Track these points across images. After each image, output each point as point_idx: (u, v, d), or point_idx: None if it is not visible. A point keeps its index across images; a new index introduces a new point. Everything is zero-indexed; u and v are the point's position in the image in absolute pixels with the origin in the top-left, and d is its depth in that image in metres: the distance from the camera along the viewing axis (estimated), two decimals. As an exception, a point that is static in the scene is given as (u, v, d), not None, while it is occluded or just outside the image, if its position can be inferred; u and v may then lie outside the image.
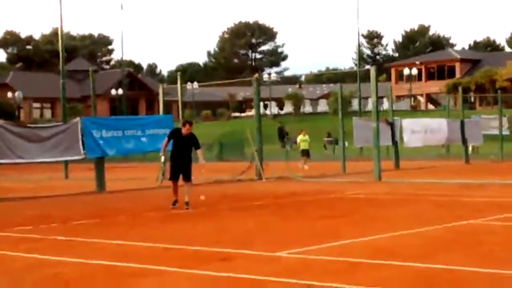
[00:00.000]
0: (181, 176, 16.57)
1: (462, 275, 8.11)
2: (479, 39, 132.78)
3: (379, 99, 27.89)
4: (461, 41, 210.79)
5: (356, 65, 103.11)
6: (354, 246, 10.40)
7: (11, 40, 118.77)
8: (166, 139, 17.09)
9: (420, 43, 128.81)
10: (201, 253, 10.16)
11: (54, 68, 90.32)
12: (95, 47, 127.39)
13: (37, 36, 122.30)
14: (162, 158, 18.50)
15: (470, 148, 39.96)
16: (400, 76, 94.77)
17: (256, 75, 30.39)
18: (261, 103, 44.49)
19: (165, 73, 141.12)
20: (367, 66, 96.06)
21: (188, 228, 13.23)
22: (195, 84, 76.57)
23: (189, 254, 10.06)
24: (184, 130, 16.50)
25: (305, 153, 35.33)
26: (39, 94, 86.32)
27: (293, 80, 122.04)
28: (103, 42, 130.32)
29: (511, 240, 10.81)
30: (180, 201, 16.43)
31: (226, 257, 9.61)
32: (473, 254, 9.51)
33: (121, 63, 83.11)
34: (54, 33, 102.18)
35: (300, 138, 36.19)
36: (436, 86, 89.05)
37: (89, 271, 8.94)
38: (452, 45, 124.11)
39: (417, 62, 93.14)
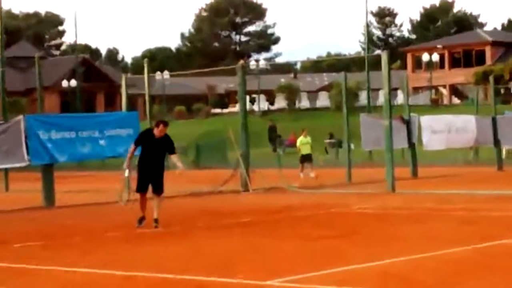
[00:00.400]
0: (150, 188, 16.55)
1: (493, 307, 8.16)
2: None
3: (392, 91, 27.99)
4: (493, 20, 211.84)
5: (364, 49, 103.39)
6: (361, 273, 10.45)
7: None
8: (133, 145, 16.98)
9: (442, 22, 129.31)
10: (171, 281, 10.20)
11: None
12: (42, 28, 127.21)
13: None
14: (126, 172, 17.67)
15: (504, 152, 40.19)
16: (418, 63, 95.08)
17: (241, 62, 30.41)
18: (248, 97, 44.58)
19: (128, 60, 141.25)
20: (378, 51, 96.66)
21: (156, 251, 13.24)
22: (166, 74, 76.51)
23: (156, 283, 10.10)
24: (157, 132, 16.51)
25: (307, 159, 34.24)
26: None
27: (287, 68, 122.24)
28: (52, 22, 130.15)
29: (553, 264, 10.89)
30: (148, 218, 16.42)
31: (201, 286, 9.62)
32: (507, 281, 9.58)
33: (74, 48, 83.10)
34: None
35: (300, 140, 35.04)
36: (462, 75, 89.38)
37: (34, 306, 8.94)
38: (482, 25, 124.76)
39: (439, 46, 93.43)
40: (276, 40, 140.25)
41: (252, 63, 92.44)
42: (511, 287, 9.15)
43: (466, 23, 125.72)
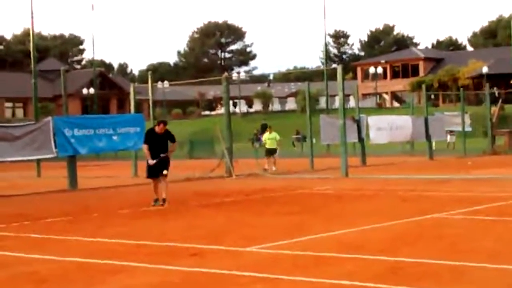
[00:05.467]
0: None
1: (427, 267, 8.20)
2: (441, 38, 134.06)
3: (345, 97, 28.04)
4: (425, 40, 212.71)
5: (323, 64, 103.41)
6: (322, 241, 10.47)
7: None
8: (145, 144, 16.53)
9: (385, 42, 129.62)
10: (172, 249, 10.17)
11: (26, 68, 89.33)
12: (66, 47, 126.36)
13: (8, 36, 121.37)
14: (151, 161, 17.02)
15: (448, 141, 41.62)
16: (366, 75, 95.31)
17: (226, 74, 30.36)
18: (231, 102, 44.49)
19: (136, 72, 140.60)
20: (334, 65, 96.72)
21: (159, 224, 13.21)
22: (166, 83, 76.32)
23: (160, 250, 10.07)
24: (158, 129, 16.53)
25: (271, 152, 30.51)
26: (11, 93, 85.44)
27: (262, 79, 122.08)
28: (74, 42, 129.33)
29: (472, 233, 10.95)
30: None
31: (197, 252, 9.62)
32: (437, 247, 9.62)
33: (92, 63, 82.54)
34: (26, 33, 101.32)
35: (266, 136, 31.53)
36: (400, 84, 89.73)
37: (63, 269, 8.91)
38: (416, 44, 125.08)
39: (382, 61, 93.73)
40: (253, 57, 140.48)
41: (234, 75, 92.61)
42: (439, 251, 9.20)
43: (404, 42, 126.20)
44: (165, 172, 16.33)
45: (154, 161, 16.35)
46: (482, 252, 9.10)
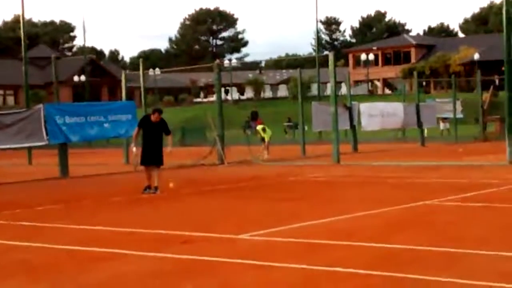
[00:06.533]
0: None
1: (418, 254, 8.22)
2: (433, 25, 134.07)
3: (337, 84, 27.99)
4: (416, 27, 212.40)
5: (314, 51, 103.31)
6: (314, 228, 10.47)
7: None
8: (137, 127, 16.89)
9: (376, 29, 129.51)
10: (164, 236, 10.16)
11: (17, 55, 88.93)
12: (57, 34, 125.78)
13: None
14: (134, 149, 17.42)
15: (441, 129, 41.52)
16: (357, 62, 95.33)
17: (217, 61, 30.28)
18: (222, 89, 44.40)
19: (127, 59, 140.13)
20: (326, 52, 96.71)
21: (151, 212, 13.21)
22: (157, 70, 76.10)
23: (152, 238, 10.06)
24: (153, 118, 16.52)
25: (263, 140, 31.70)
26: (1, 81, 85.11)
27: (254, 66, 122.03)
28: (65, 29, 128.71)
29: (463, 219, 10.99)
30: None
31: (188, 240, 9.62)
32: (428, 233, 9.64)
33: (83, 50, 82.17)
34: (16, 20, 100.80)
35: (260, 128, 32.62)
36: (392, 71, 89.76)
37: (54, 256, 8.89)
38: (408, 31, 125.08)
39: (374, 48, 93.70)
40: (245, 43, 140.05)
41: (226, 62, 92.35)
42: (430, 238, 9.22)
43: (396, 29, 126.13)
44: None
45: (135, 149, 16.83)
46: (473, 238, 9.13)
